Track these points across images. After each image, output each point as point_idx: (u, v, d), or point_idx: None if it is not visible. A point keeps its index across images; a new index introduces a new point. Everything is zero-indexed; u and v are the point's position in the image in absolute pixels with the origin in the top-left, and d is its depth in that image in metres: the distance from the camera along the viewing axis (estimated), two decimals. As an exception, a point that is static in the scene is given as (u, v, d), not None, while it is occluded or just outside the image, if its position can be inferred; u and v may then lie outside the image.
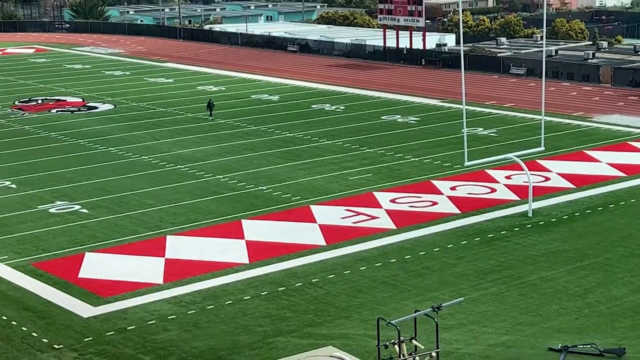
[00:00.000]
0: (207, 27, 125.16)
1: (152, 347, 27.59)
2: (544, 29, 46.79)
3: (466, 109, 40.68)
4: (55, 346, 27.78)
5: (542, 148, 42.00)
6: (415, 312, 22.91)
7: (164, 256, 35.53)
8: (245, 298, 31.23)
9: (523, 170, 40.47)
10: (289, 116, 62.83)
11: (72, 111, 66.53)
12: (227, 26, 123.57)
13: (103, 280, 33.13)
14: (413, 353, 21.64)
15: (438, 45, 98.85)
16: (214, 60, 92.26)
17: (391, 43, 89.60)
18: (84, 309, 30.55)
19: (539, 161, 47.96)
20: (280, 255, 35.36)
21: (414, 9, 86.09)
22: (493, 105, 65.59)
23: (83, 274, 33.83)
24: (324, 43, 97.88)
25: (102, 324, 29.37)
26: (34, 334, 28.67)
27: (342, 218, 39.89)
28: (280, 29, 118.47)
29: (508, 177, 45.58)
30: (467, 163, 39.39)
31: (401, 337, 21.30)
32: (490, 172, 46.65)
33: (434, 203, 41.87)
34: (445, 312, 25.28)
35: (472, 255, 34.94)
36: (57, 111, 66.49)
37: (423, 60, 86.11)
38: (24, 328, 29.15)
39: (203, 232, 38.26)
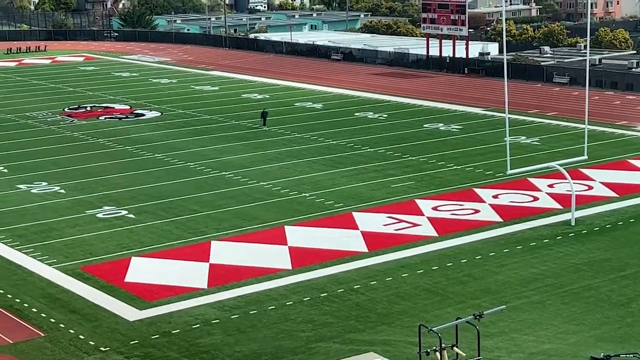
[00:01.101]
0: (252, 35, 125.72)
1: (196, 351, 27.70)
2: (588, 38, 46.33)
3: (509, 118, 40.40)
4: (102, 349, 28.01)
5: (585, 157, 41.54)
6: (457, 319, 22.78)
7: (208, 261, 35.68)
8: (287, 303, 31.24)
9: (566, 178, 40.08)
10: (332, 124, 62.83)
11: (119, 118, 67.11)
12: (272, 35, 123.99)
13: (149, 284, 33.35)
14: (454, 360, 21.52)
15: (481, 53, 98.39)
16: (259, 69, 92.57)
17: (434, 52, 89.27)
18: (129, 313, 30.77)
19: (581, 170, 47.45)
20: (323, 261, 35.35)
21: (457, 18, 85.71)
22: (536, 114, 65.05)
23: (129, 278, 34.09)
24: (367, 52, 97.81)
25: (147, 327, 29.56)
26: (81, 337, 28.93)
27: (384, 225, 39.78)
28: (324, 37, 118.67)
29: (550, 186, 45.15)
30: (509, 171, 39.10)
31: (442, 344, 21.19)
32: (532, 180, 46.25)
33: (476, 211, 41.60)
34: (486, 319, 25.06)
35: (514, 263, 34.64)
36: (105, 118, 67.10)
37: (466, 68, 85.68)
38: (71, 330, 29.44)
39: (247, 238, 38.37)
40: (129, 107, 71.46)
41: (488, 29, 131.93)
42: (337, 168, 50.19)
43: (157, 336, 28.84)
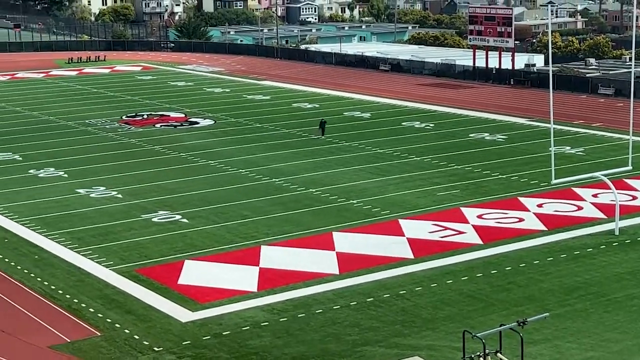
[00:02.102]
0: (303, 46, 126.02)
1: (246, 352, 27.80)
2: (633, 50, 45.69)
3: (554, 128, 40.01)
4: (155, 348, 28.23)
5: (630, 167, 40.98)
6: (501, 325, 22.59)
7: (258, 265, 35.80)
8: (335, 307, 31.22)
9: (610, 188, 39.56)
10: (379, 133, 62.74)
11: (175, 126, 67.66)
12: (322, 46, 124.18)
13: (201, 287, 33.54)
14: (498, 366, 21.34)
15: (527, 65, 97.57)
16: (309, 79, 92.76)
17: (480, 63, 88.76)
18: (182, 314, 30.97)
19: (626, 180, 46.80)
20: (369, 267, 35.27)
21: (503, 30, 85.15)
22: (581, 125, 64.32)
23: (182, 280, 34.32)
24: (414, 62, 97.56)
25: (199, 328, 29.73)
26: (136, 337, 29.19)
27: (430, 232, 39.60)
28: (372, 48, 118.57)
29: (595, 196, 44.59)
30: (554, 181, 38.69)
31: (486, 350, 21.03)
32: (577, 190, 45.72)
33: (521, 219, 41.23)
34: (530, 326, 24.82)
35: (557, 271, 34.26)
36: (161, 126, 67.72)
37: (512, 80, 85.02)
38: (126, 330, 29.71)
39: (296, 243, 38.43)
40: (183, 115, 72.04)
41: (534, 41, 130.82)
42: (384, 176, 50.09)
43: (209, 337, 29.00)
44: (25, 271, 35.61)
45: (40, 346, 28.52)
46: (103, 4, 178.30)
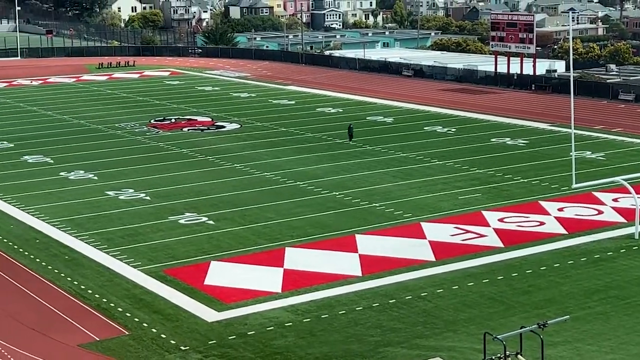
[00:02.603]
0: (327, 52, 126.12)
1: (270, 352, 27.82)
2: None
3: (575, 133, 39.78)
4: (182, 347, 28.32)
5: (650, 172, 40.65)
6: (521, 328, 22.49)
7: (282, 266, 35.83)
8: (357, 309, 31.19)
9: (630, 193, 39.25)
10: (402, 137, 62.63)
11: (202, 129, 67.89)
12: (346, 52, 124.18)
13: (226, 287, 33.62)
14: (518, 368, 21.23)
15: (548, 71, 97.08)
16: (333, 84, 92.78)
17: (502, 69, 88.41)
18: (208, 314, 31.06)
19: (646, 185, 46.42)
20: (392, 269, 35.21)
21: (525, 36, 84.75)
22: (601, 130, 63.89)
23: (208, 281, 34.41)
24: (437, 68, 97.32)
25: (224, 328, 29.80)
26: (163, 336, 29.29)
27: (451, 235, 39.47)
28: (395, 54, 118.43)
29: (615, 200, 44.26)
30: (574, 185, 38.49)
31: (507, 352, 20.93)
32: (597, 194, 45.41)
33: (541, 223, 41.01)
34: (550, 329, 24.65)
35: (578, 274, 34.04)
36: (188, 129, 67.96)
37: (533, 85, 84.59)
38: (154, 330, 29.82)
39: (319, 245, 38.43)
40: (210, 120, 72.27)
41: (555, 47, 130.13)
42: (407, 179, 49.99)
43: (234, 337, 29.05)
44: (56, 271, 35.85)
45: (70, 344, 28.70)
46: (133, 11, 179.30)
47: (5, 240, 40.03)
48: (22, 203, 46.28)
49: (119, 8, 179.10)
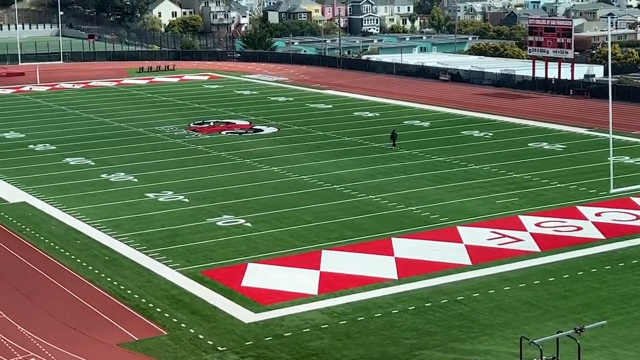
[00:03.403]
0: (364, 57, 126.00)
1: (306, 354, 27.82)
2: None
3: (613, 138, 39.32)
4: (219, 348, 28.42)
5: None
6: (558, 332, 22.26)
7: (319, 269, 35.82)
8: (393, 312, 31.09)
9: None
10: (439, 141, 62.35)
11: (240, 133, 68.14)
12: (383, 56, 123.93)
13: (263, 289, 33.69)
14: (554, 372, 21.02)
15: (586, 76, 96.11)
16: (370, 88, 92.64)
17: (540, 73, 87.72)
18: (245, 315, 31.14)
19: (685, 190, 45.77)
20: (428, 272, 35.06)
21: (563, 41, 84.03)
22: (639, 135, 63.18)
23: (245, 282, 34.50)
24: (474, 73, 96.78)
25: (261, 329, 29.85)
26: (201, 336, 29.42)
27: (488, 239, 39.21)
28: (433, 59, 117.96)
29: (653, 205, 43.72)
30: (612, 190, 38.05)
31: (543, 357, 20.74)
32: (635, 199, 44.84)
33: (579, 228, 40.60)
34: (587, 334, 24.38)
35: (615, 280, 33.63)
36: (226, 133, 68.25)
37: (571, 90, 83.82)
38: (191, 330, 29.97)
39: (355, 248, 38.37)
40: (248, 123, 72.51)
41: (593, 52, 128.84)
42: (443, 184, 49.75)
43: (270, 338, 29.09)
44: (96, 271, 36.18)
45: (109, 344, 28.93)
46: (173, 16, 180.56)
47: (47, 241, 40.49)
48: (64, 204, 46.79)
49: (160, 13, 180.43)
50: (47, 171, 55.24)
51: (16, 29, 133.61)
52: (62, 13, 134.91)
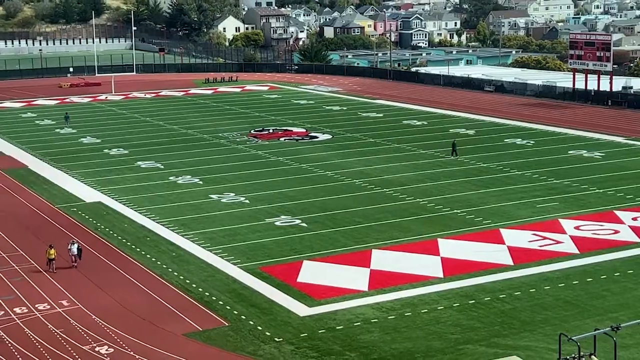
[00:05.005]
0: (413, 69, 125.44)
1: (357, 346, 27.80)
2: None
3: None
4: (276, 339, 28.54)
5: None
6: (595, 330, 21.91)
7: (369, 267, 35.77)
8: (439, 308, 30.91)
9: None
10: (483, 148, 61.80)
11: (297, 139, 68.35)
12: (431, 69, 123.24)
13: (317, 285, 33.75)
14: (592, 368, 20.69)
15: (624, 87, 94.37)
16: (419, 98, 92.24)
17: (580, 85, 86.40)
18: (300, 309, 31.22)
19: None
20: (472, 271, 34.78)
21: (602, 54, 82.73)
22: (676, 144, 61.80)
23: (301, 278, 34.60)
24: (517, 84, 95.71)
25: (315, 322, 29.90)
26: (259, 328, 29.57)
27: (529, 241, 38.76)
28: (478, 71, 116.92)
29: (689, 211, 42.76)
30: (649, 196, 37.33)
31: (581, 353, 20.43)
32: (671, 205, 43.93)
33: (616, 231, 39.89)
34: (623, 332, 23.95)
35: (651, 281, 32.98)
36: (284, 139, 68.51)
37: (609, 101, 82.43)
38: (250, 322, 30.14)
39: (403, 248, 38.23)
40: (305, 130, 72.70)
41: (632, 65, 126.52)
42: (487, 188, 49.29)
43: (323, 331, 29.13)
44: (164, 266, 36.59)
45: (175, 333, 29.24)
46: (236, 31, 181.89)
47: (119, 238, 41.08)
48: (135, 204, 47.42)
49: (224, 28, 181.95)
50: (120, 174, 56.05)
51: (94, 42, 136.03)
52: (135, 28, 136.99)
